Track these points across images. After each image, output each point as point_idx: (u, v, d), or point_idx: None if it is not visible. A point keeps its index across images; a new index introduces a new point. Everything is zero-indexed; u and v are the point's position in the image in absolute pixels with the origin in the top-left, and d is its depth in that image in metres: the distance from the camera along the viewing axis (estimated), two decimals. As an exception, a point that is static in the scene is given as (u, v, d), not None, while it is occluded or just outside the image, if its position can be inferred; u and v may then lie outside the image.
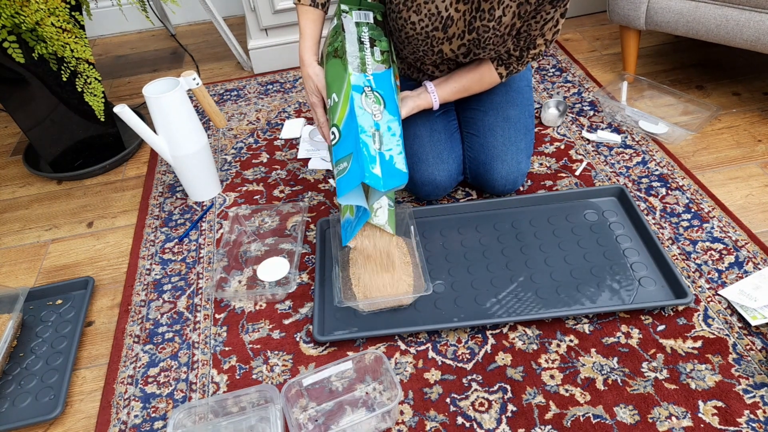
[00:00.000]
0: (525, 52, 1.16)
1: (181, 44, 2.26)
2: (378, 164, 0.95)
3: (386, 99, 1.02)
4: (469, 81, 1.22)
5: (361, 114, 0.98)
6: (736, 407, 0.92)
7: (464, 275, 1.17)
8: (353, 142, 0.96)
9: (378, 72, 1.04)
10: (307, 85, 1.12)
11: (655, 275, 1.12)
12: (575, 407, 0.94)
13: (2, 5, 1.20)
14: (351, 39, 1.06)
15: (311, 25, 1.13)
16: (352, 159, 0.95)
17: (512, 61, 1.19)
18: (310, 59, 1.11)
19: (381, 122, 0.99)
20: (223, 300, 1.19)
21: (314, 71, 1.10)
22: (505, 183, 1.28)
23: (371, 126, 0.98)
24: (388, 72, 1.05)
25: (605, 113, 1.58)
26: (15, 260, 1.37)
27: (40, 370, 1.10)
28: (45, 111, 1.49)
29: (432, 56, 1.17)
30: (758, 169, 1.37)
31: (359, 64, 1.03)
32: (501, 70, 1.21)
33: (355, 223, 1.05)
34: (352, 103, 0.98)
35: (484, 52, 1.14)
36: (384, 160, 0.97)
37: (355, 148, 0.95)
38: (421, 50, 1.15)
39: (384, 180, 0.95)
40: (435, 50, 1.15)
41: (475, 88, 1.24)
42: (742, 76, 1.68)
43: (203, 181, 1.42)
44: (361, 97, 0.99)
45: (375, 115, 0.99)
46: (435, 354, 1.04)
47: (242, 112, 1.78)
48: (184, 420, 0.94)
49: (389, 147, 0.99)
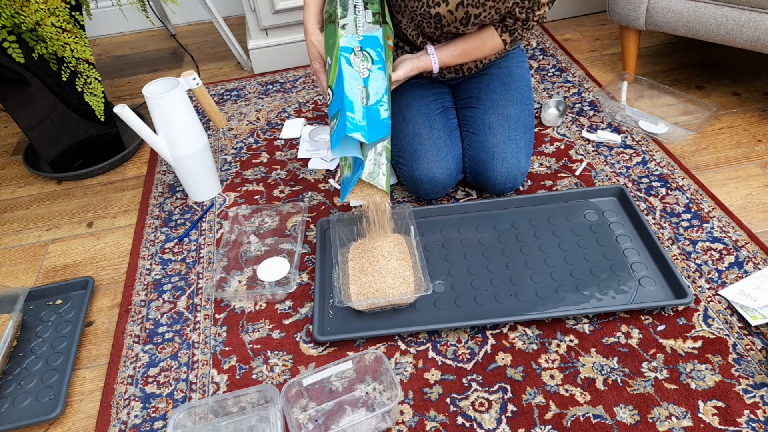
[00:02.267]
0: (530, 12, 1.15)
1: (181, 44, 2.26)
2: (363, 116, 1.01)
3: (375, 57, 1.07)
4: (470, 45, 1.22)
5: (348, 72, 1.04)
6: (736, 407, 0.92)
7: (464, 275, 1.17)
8: (340, 99, 1.02)
9: (369, 33, 1.09)
10: (310, 52, 1.18)
11: (655, 275, 1.12)
12: (575, 407, 0.94)
13: (2, 5, 1.20)
14: (342, 3, 1.11)
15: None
16: (339, 114, 1.01)
17: (517, 26, 1.18)
18: (313, 27, 1.18)
19: (369, 78, 1.05)
20: (223, 300, 1.19)
21: (317, 38, 1.16)
22: (505, 181, 1.28)
23: (359, 83, 1.04)
24: (378, 32, 1.10)
25: (605, 113, 1.58)
26: (15, 260, 1.37)
27: (40, 370, 1.10)
28: (45, 111, 1.49)
29: (429, 19, 1.17)
30: (758, 169, 1.37)
31: (350, 27, 1.08)
32: (505, 36, 1.21)
33: (351, 178, 1.08)
34: (340, 64, 1.04)
35: (482, 11, 1.13)
36: (370, 113, 1.02)
37: (341, 104, 1.01)
38: (419, 14, 1.15)
39: (369, 130, 1.01)
40: (432, 12, 1.14)
41: (476, 53, 1.23)
42: (742, 76, 1.68)
43: (203, 181, 1.42)
44: (351, 56, 1.05)
45: (362, 72, 1.05)
46: (435, 354, 1.04)
47: (242, 112, 1.78)
48: (184, 420, 0.94)
49: (375, 101, 1.04)
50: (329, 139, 1.32)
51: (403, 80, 1.20)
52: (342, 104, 1.01)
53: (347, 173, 1.11)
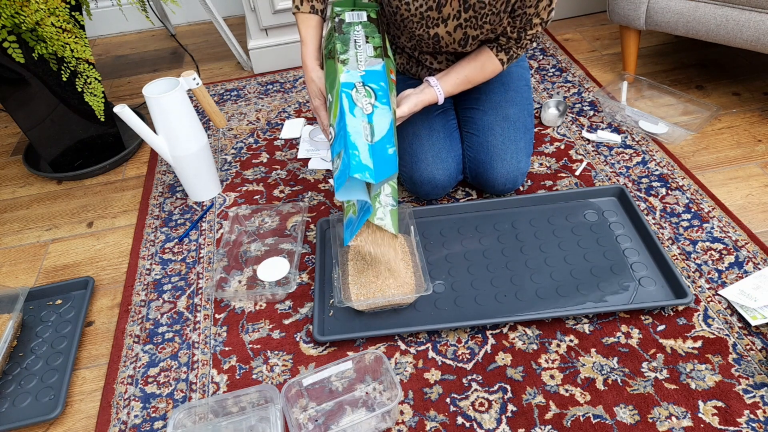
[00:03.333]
0: (522, 32, 1.14)
1: (181, 44, 2.26)
2: (369, 155, 0.96)
3: (378, 92, 1.03)
4: (470, 71, 1.21)
5: (351, 109, 0.99)
6: (736, 407, 0.92)
7: (464, 275, 1.17)
8: (343, 138, 0.97)
9: (371, 67, 1.05)
10: (310, 89, 1.15)
11: (655, 275, 1.12)
12: (575, 407, 0.94)
13: (2, 5, 1.20)
14: (343, 39, 1.08)
15: (312, 32, 1.16)
16: (343, 154, 0.97)
17: (511, 44, 1.18)
18: (312, 64, 1.15)
19: (373, 114, 1.01)
20: (223, 300, 1.19)
21: (317, 75, 1.13)
22: (505, 182, 1.28)
23: (363, 119, 0.99)
24: (380, 66, 1.07)
25: (605, 113, 1.58)
26: (15, 260, 1.37)
27: (40, 370, 1.10)
28: (45, 111, 1.49)
29: (428, 40, 1.17)
30: (758, 169, 1.37)
31: (351, 62, 1.05)
32: (501, 56, 1.20)
33: (357, 221, 1.05)
34: (341, 101, 1.00)
35: (480, 33, 1.13)
36: (375, 151, 0.97)
37: (345, 144, 0.97)
38: (417, 34, 1.15)
39: (376, 169, 0.95)
40: (431, 33, 1.14)
41: (477, 78, 1.23)
42: (742, 76, 1.68)
43: (203, 181, 1.42)
44: (353, 92, 1.01)
45: (365, 108, 1.00)
46: (435, 354, 1.04)
47: (242, 112, 1.78)
48: (184, 420, 0.94)
49: (381, 137, 0.99)
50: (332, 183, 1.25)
51: (407, 116, 1.17)
52: (345, 144, 0.96)
53: (351, 215, 1.07)
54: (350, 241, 1.06)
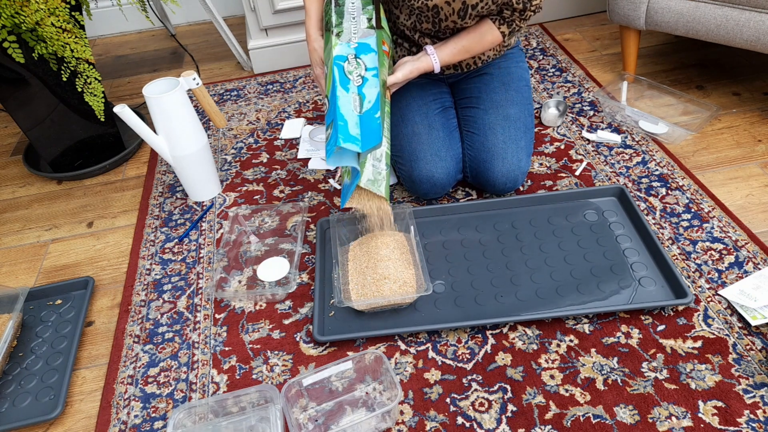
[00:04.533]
0: (528, 2, 1.14)
1: (181, 44, 2.26)
2: (356, 125, 1.01)
3: (369, 63, 1.07)
4: (469, 41, 1.21)
5: (341, 81, 1.04)
6: (736, 407, 0.92)
7: (464, 275, 1.17)
8: (333, 110, 1.02)
9: (363, 39, 1.09)
10: (312, 58, 1.19)
11: (655, 275, 1.12)
12: (575, 407, 0.94)
13: (2, 5, 1.20)
14: (339, 12, 1.12)
15: (315, 4, 1.21)
16: (333, 125, 1.02)
17: (515, 16, 1.18)
18: (315, 33, 1.20)
19: (363, 86, 1.05)
20: (223, 300, 1.19)
21: (318, 44, 1.18)
22: (505, 181, 1.28)
23: (353, 91, 1.04)
24: (372, 38, 1.10)
25: (605, 113, 1.58)
26: (15, 260, 1.37)
27: (40, 370, 1.10)
28: (45, 111, 1.49)
29: (427, 12, 1.16)
30: (758, 169, 1.37)
31: (345, 34, 1.09)
32: (503, 28, 1.20)
33: (349, 185, 1.09)
34: (333, 73, 1.05)
35: (480, 3, 1.13)
36: (363, 121, 1.02)
37: (334, 115, 1.02)
38: (416, 7, 1.16)
39: (363, 139, 1.01)
40: (429, 5, 1.14)
41: (475, 48, 1.23)
42: (742, 76, 1.68)
43: (203, 181, 1.42)
44: (345, 64, 1.06)
45: (356, 81, 1.05)
46: (435, 354, 1.04)
47: (242, 112, 1.78)
48: (184, 420, 0.94)
49: (369, 108, 1.04)
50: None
51: (402, 82, 1.19)
52: (335, 115, 1.02)
53: (347, 180, 1.12)
54: (345, 204, 1.10)
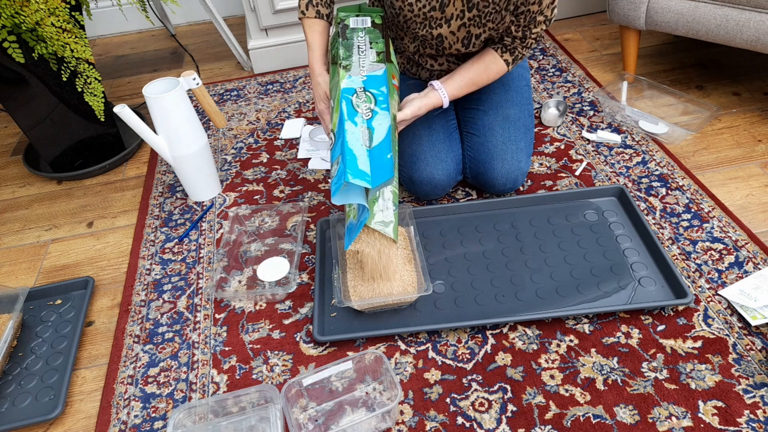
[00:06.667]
0: (527, 30, 1.13)
1: (181, 44, 2.26)
2: (366, 160, 0.97)
3: (379, 97, 1.04)
4: (474, 73, 1.20)
5: (350, 115, 1.00)
6: (736, 407, 0.92)
7: (464, 275, 1.17)
8: (341, 144, 0.99)
9: (372, 72, 1.06)
10: (316, 92, 1.16)
11: (655, 275, 1.12)
12: (575, 407, 0.94)
13: (2, 5, 1.20)
14: (346, 45, 1.09)
15: (318, 37, 1.18)
16: (340, 161, 0.98)
17: (516, 44, 1.17)
18: (319, 68, 1.16)
19: (372, 119, 1.02)
20: (223, 300, 1.19)
21: (323, 79, 1.15)
22: (505, 182, 1.28)
23: (362, 125, 1.00)
24: (381, 71, 1.07)
25: (605, 113, 1.58)
26: (15, 260, 1.37)
27: (40, 370, 1.10)
28: (45, 111, 1.49)
29: (431, 41, 1.16)
30: (758, 169, 1.37)
31: (353, 68, 1.06)
32: (506, 56, 1.19)
33: (356, 226, 1.05)
34: (341, 107, 1.01)
35: (483, 32, 1.12)
36: (373, 156, 0.98)
37: (342, 149, 0.98)
38: (420, 35, 1.15)
39: (373, 174, 0.97)
40: (434, 34, 1.14)
41: (482, 80, 1.22)
42: (742, 76, 1.68)
43: (203, 181, 1.42)
44: (353, 98, 1.02)
45: (365, 114, 1.01)
46: (435, 354, 1.04)
47: (242, 112, 1.78)
48: (184, 420, 0.94)
49: (379, 142, 1.01)
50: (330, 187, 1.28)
51: (410, 120, 1.17)
52: (342, 150, 0.97)
53: (352, 219, 1.07)
54: (350, 247, 1.06)
